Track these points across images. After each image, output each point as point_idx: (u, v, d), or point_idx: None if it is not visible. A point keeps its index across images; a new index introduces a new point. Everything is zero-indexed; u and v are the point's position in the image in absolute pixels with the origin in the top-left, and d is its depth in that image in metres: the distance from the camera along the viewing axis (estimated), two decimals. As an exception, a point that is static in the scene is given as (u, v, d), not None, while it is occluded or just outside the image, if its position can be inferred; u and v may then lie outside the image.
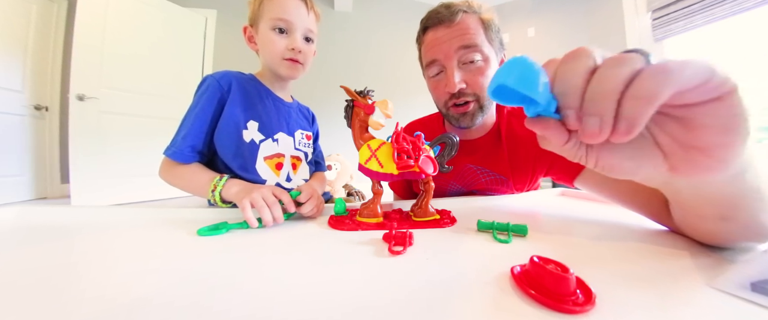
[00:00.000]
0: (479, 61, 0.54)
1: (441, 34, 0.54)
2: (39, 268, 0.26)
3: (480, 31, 0.54)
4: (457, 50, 0.53)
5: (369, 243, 0.34)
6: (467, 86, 0.55)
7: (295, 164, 0.67)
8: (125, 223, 0.42)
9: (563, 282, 0.20)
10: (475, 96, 0.56)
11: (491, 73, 0.54)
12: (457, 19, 0.53)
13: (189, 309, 0.20)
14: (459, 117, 0.58)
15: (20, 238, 0.35)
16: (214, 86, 0.59)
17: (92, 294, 0.22)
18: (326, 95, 2.84)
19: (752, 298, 0.20)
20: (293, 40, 0.60)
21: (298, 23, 0.59)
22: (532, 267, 0.22)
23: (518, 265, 0.24)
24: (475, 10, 0.55)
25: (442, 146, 0.46)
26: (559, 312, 0.19)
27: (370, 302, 0.21)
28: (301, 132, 0.70)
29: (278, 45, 0.59)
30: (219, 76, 0.61)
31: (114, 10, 2.15)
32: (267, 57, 0.62)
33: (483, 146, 0.64)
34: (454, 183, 0.68)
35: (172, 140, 0.58)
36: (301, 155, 0.69)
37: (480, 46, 0.53)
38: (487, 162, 0.64)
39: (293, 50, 0.59)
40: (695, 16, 1.96)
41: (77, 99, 2.02)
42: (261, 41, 0.62)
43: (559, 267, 0.21)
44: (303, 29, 0.61)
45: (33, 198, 2.37)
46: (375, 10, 3.15)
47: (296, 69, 0.62)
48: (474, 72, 0.54)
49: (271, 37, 0.59)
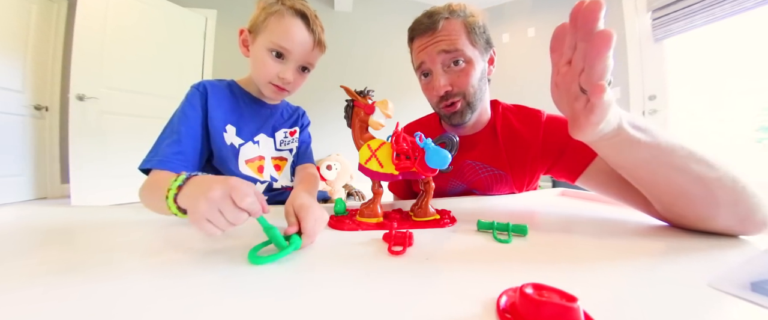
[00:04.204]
0: (462, 62, 0.57)
1: (424, 41, 0.57)
2: (39, 268, 0.26)
3: (461, 34, 0.56)
4: (439, 54, 0.56)
5: (369, 243, 0.34)
6: (453, 87, 0.58)
7: (279, 165, 0.66)
8: (125, 223, 0.42)
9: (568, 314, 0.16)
10: (462, 94, 0.58)
11: (476, 72, 0.57)
12: (438, 27, 0.56)
13: (188, 309, 0.20)
14: (450, 116, 0.61)
15: (20, 238, 0.35)
16: (193, 93, 0.58)
17: (92, 293, 0.22)
18: (326, 95, 2.84)
19: (752, 298, 0.20)
20: (286, 70, 0.56)
21: (297, 54, 0.56)
22: (521, 299, 0.18)
23: (511, 290, 0.21)
24: (458, 14, 0.57)
25: (442, 146, 0.46)
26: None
27: (370, 302, 0.21)
28: (284, 131, 0.68)
29: (270, 69, 0.56)
30: (200, 84, 0.60)
31: (114, 10, 2.14)
32: (254, 73, 0.60)
33: (480, 142, 0.66)
34: (454, 181, 0.68)
35: (151, 152, 0.51)
36: (285, 154, 0.68)
37: (462, 50, 0.56)
38: (485, 157, 0.65)
39: (282, 80, 0.56)
40: (695, 16, 1.95)
41: (77, 99, 2.01)
42: (254, 55, 0.58)
43: (563, 297, 0.18)
44: (302, 61, 0.58)
45: (33, 198, 2.37)
46: (375, 10, 3.15)
47: (280, 95, 0.60)
48: (458, 73, 0.57)
49: (265, 58, 0.56)
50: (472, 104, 0.59)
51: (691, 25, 1.99)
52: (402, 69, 3.19)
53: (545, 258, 0.29)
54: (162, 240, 0.35)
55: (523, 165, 0.63)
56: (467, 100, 0.58)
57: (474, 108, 0.60)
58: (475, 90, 0.58)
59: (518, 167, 0.63)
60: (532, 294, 0.18)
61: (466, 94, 0.58)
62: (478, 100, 0.60)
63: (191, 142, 0.54)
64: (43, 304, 0.20)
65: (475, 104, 0.59)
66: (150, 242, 0.34)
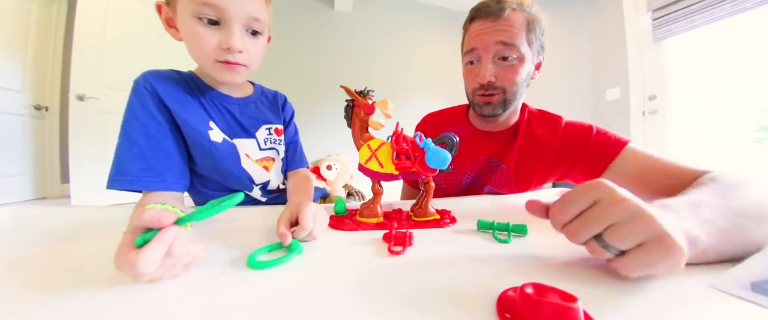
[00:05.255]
0: (513, 59, 0.56)
1: (486, 26, 0.56)
2: (39, 268, 0.26)
3: (522, 30, 0.55)
4: (496, 45, 0.55)
5: (369, 243, 0.34)
6: (496, 80, 0.57)
7: (267, 166, 0.59)
8: (125, 223, 0.42)
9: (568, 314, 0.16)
10: (503, 89, 0.58)
11: (523, 71, 0.56)
12: (504, 15, 0.54)
13: (188, 309, 0.20)
14: (483, 105, 0.60)
15: (20, 238, 0.35)
16: (141, 93, 0.46)
17: (92, 293, 0.22)
18: (326, 95, 2.84)
19: (752, 298, 0.20)
20: (228, 37, 0.43)
21: (234, 10, 0.42)
22: (521, 299, 0.18)
23: (511, 290, 0.21)
24: (525, 8, 0.56)
25: (442, 146, 0.46)
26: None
27: (370, 302, 0.21)
28: (266, 128, 0.59)
29: (207, 42, 0.42)
30: (148, 76, 0.48)
31: (114, 10, 2.14)
32: (193, 54, 0.46)
33: (500, 139, 0.66)
34: (469, 173, 0.68)
35: (114, 167, 0.44)
36: (272, 153, 0.60)
37: (517, 46, 0.55)
38: (500, 154, 0.66)
39: (228, 50, 0.43)
40: (695, 16, 1.95)
41: (77, 99, 2.01)
42: (183, 31, 0.44)
43: (563, 297, 0.18)
44: (244, 18, 0.43)
45: (33, 198, 2.37)
46: (375, 10, 3.15)
47: (236, 72, 0.46)
48: (506, 68, 0.57)
49: (196, 29, 0.42)
50: (508, 101, 0.59)
51: (691, 25, 1.99)
52: (402, 69, 3.19)
53: (545, 258, 0.29)
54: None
55: (533, 170, 0.63)
56: (506, 96, 0.58)
57: (508, 106, 0.60)
58: (516, 89, 0.58)
59: (524, 169, 0.64)
60: (532, 294, 0.18)
61: (507, 90, 0.58)
62: (516, 99, 0.59)
63: (158, 154, 0.45)
64: (43, 304, 0.20)
65: (512, 102, 0.59)
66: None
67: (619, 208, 0.23)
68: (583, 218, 0.24)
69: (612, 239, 0.23)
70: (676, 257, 0.21)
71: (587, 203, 0.25)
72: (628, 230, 0.22)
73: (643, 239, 0.22)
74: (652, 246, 0.22)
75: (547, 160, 0.62)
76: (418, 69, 3.23)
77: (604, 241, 0.23)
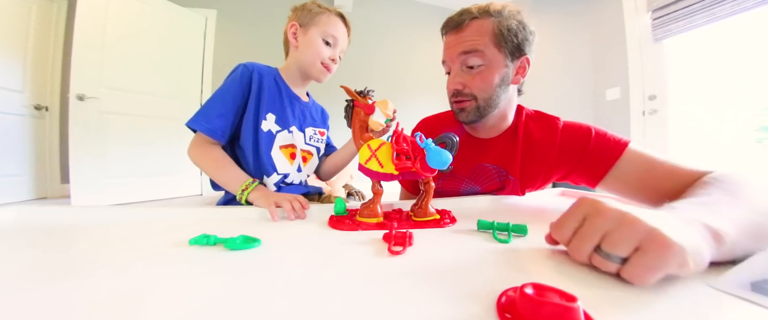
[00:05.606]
0: (480, 65, 0.56)
1: (451, 39, 0.59)
2: (39, 268, 0.26)
3: (487, 36, 0.55)
4: (460, 55, 0.57)
5: (369, 243, 0.34)
6: (464, 88, 0.58)
7: (306, 158, 0.76)
8: (125, 223, 0.42)
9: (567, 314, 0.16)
10: (473, 96, 0.58)
11: (495, 77, 0.56)
12: (464, 25, 0.57)
13: (187, 310, 0.20)
14: (458, 111, 0.62)
15: (20, 238, 0.35)
16: (246, 75, 0.66)
17: (92, 294, 0.22)
18: (325, 95, 2.83)
19: (752, 298, 0.20)
20: (334, 54, 0.72)
21: (341, 42, 0.72)
22: (521, 299, 0.18)
23: (511, 290, 0.21)
24: (492, 14, 0.56)
25: (442, 146, 0.46)
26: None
27: (370, 302, 0.21)
28: (313, 129, 0.78)
29: (324, 52, 0.70)
30: (250, 65, 0.68)
31: (114, 10, 2.14)
32: (307, 57, 0.70)
33: (497, 145, 0.65)
34: (468, 181, 0.68)
35: (201, 114, 0.62)
36: (312, 150, 0.78)
37: (483, 51, 0.55)
38: (501, 160, 0.65)
39: (332, 60, 0.71)
40: (695, 16, 1.95)
41: (77, 99, 2.01)
42: (307, 43, 0.70)
43: (563, 297, 0.18)
44: (341, 49, 0.74)
45: (33, 198, 2.37)
46: (375, 10, 3.15)
47: (326, 75, 0.73)
48: (473, 76, 0.57)
49: (319, 44, 0.69)
50: (483, 107, 0.59)
51: (691, 25, 1.99)
52: (402, 69, 3.20)
53: (545, 258, 0.29)
54: (162, 240, 0.35)
55: (537, 173, 0.63)
56: (479, 103, 0.58)
57: (484, 112, 0.59)
58: (488, 95, 0.57)
59: (528, 175, 0.63)
60: (532, 294, 0.18)
61: (478, 97, 0.58)
62: (491, 105, 0.59)
63: (233, 119, 0.65)
64: (43, 304, 0.20)
65: (485, 108, 0.59)
66: (150, 242, 0.34)
67: (605, 217, 0.24)
68: (578, 235, 0.26)
69: (608, 247, 0.24)
70: (672, 251, 0.21)
71: (578, 221, 0.27)
72: (618, 236, 0.23)
73: (636, 242, 0.22)
74: (647, 246, 0.22)
75: (548, 164, 0.62)
76: (418, 69, 3.23)
77: (604, 252, 0.24)
